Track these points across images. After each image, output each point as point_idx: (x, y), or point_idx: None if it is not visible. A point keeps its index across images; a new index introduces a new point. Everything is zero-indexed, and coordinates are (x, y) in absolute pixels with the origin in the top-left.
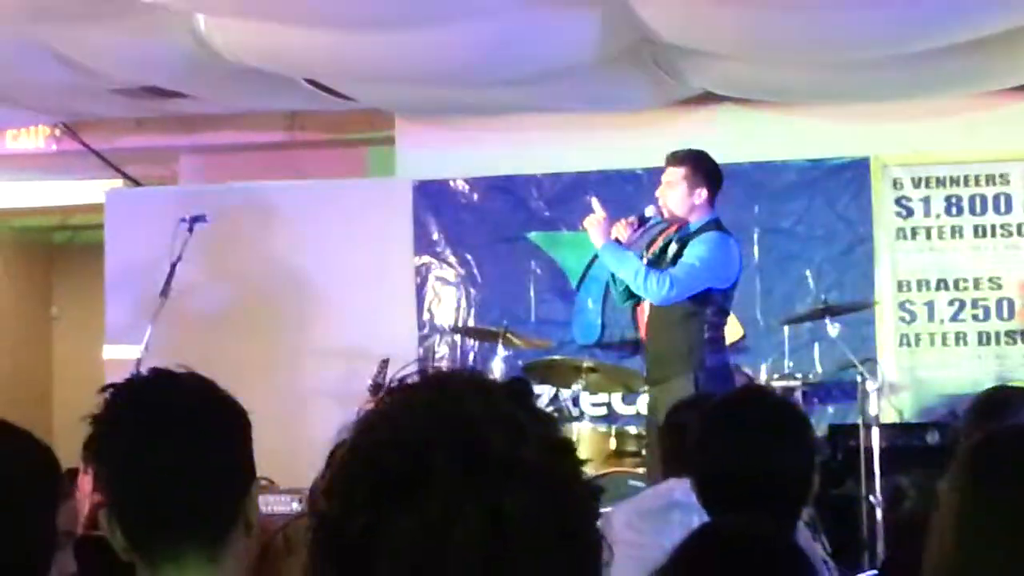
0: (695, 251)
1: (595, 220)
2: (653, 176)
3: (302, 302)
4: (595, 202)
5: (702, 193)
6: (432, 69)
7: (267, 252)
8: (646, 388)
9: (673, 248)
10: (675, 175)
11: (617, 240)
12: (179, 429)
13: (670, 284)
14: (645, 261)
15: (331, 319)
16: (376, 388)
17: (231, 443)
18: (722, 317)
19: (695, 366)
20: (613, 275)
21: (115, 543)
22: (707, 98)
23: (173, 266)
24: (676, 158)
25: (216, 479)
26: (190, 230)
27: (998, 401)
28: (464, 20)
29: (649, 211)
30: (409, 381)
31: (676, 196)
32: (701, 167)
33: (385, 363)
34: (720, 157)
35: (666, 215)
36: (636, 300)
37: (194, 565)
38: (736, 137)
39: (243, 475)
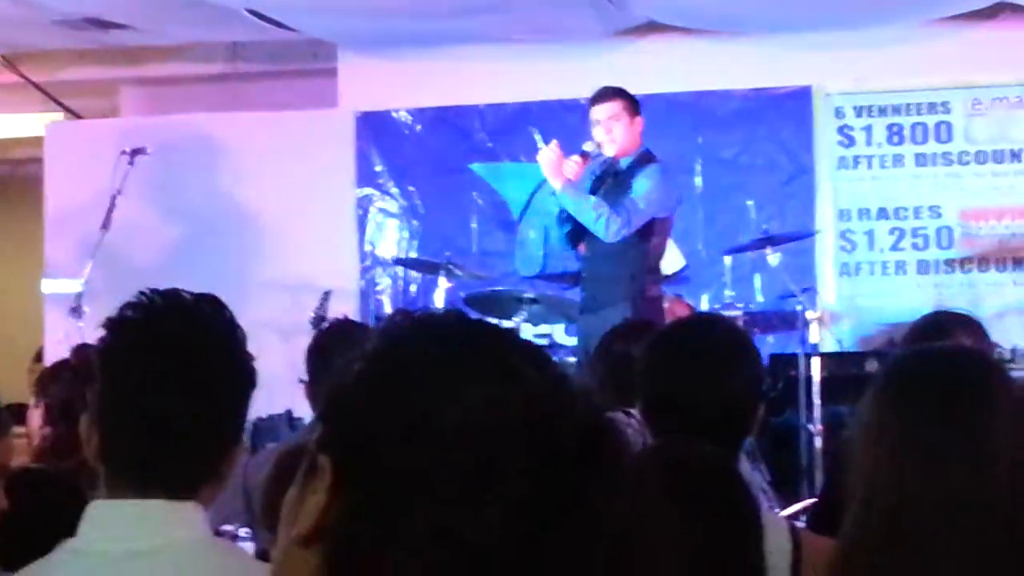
0: (644, 185)
1: (549, 158)
2: None
3: (244, 234)
4: (546, 140)
5: (639, 122)
6: None
7: (209, 184)
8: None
9: (611, 182)
10: (615, 108)
11: (569, 180)
12: (194, 371)
13: (625, 223)
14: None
15: (273, 251)
16: (318, 320)
17: (235, 400)
18: (662, 246)
19: (635, 294)
20: (559, 219)
21: (87, 447)
22: (650, 28)
23: (113, 199)
24: (609, 92)
25: (210, 433)
26: (131, 163)
27: (933, 327)
28: None
29: (588, 146)
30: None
31: (621, 129)
32: (632, 98)
33: (327, 295)
34: (663, 87)
35: (611, 150)
36: (577, 244)
37: (156, 499)
38: (679, 67)
39: (235, 432)
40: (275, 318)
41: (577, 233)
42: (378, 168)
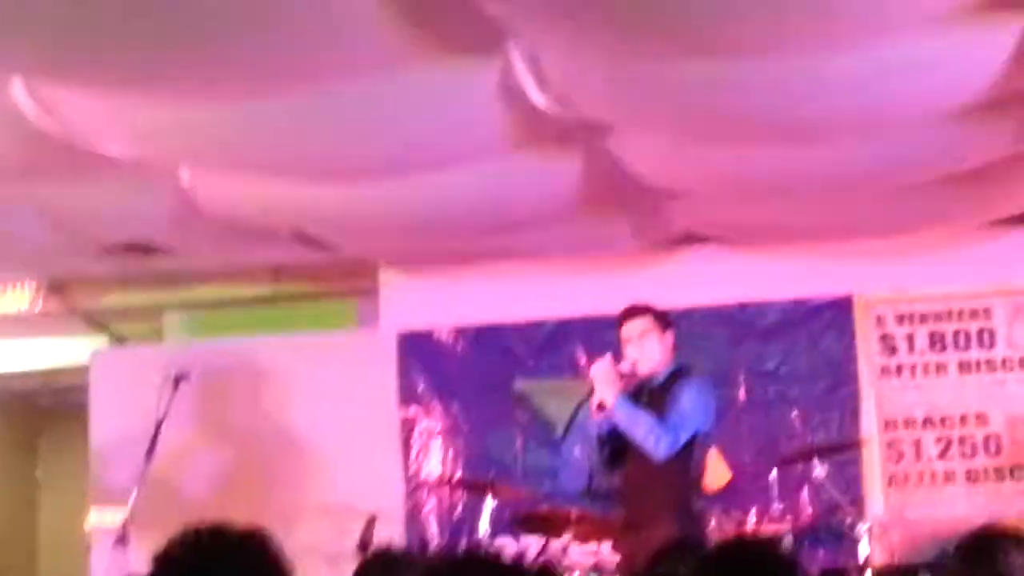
0: (687, 399)
1: (604, 370)
2: None
3: (288, 459)
4: (589, 356)
5: (670, 336)
6: (418, 218)
7: (253, 408)
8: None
9: (646, 399)
10: (646, 324)
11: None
12: None
13: (674, 440)
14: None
15: (319, 475)
16: (363, 546)
17: None
18: (703, 460)
19: (679, 510)
20: (598, 440)
21: None
22: (688, 239)
23: (158, 425)
24: (639, 309)
25: None
26: (175, 388)
27: (984, 542)
28: (449, 169)
29: (625, 365)
30: None
31: (652, 345)
32: (661, 313)
33: (372, 520)
34: (702, 298)
35: (646, 366)
36: (617, 465)
37: None
38: (718, 278)
39: None
40: (321, 544)
41: (617, 454)
42: (421, 387)
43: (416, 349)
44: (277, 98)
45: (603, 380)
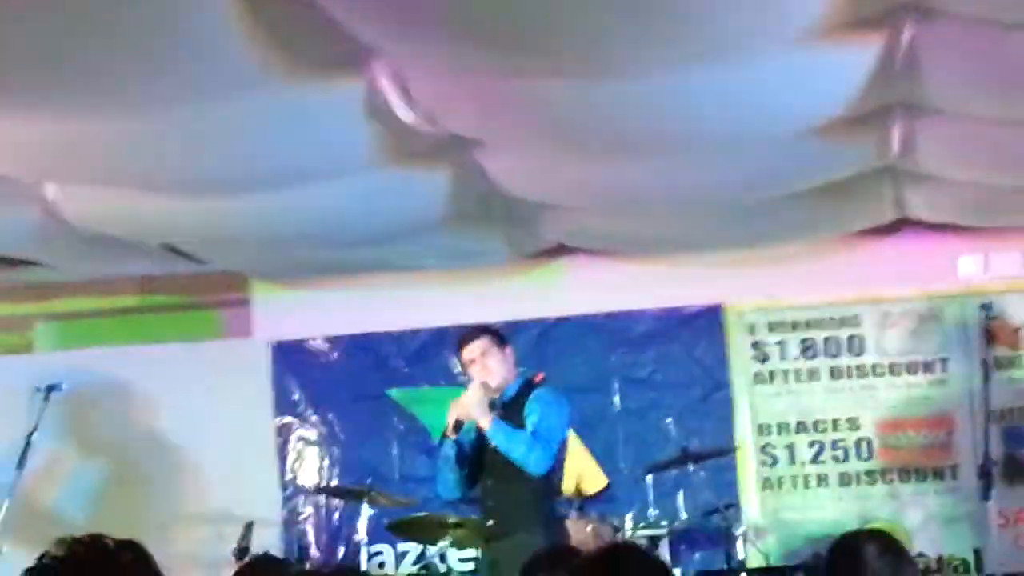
0: (545, 412)
1: (477, 398)
2: (510, 328)
3: (163, 468)
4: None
5: (510, 352)
6: (287, 232)
7: (126, 419)
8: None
9: (498, 415)
10: (484, 345)
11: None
12: None
13: (550, 455)
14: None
15: (194, 484)
16: (241, 552)
17: None
18: (562, 467)
19: (544, 518)
20: (457, 461)
21: None
22: (560, 250)
23: (29, 437)
24: (474, 332)
25: None
26: (46, 399)
27: (849, 547)
28: (318, 183)
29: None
30: None
31: (496, 362)
32: (496, 331)
33: (249, 527)
34: (576, 308)
35: (493, 384)
36: (474, 485)
37: None
38: (591, 288)
39: None
40: (199, 552)
41: (475, 471)
42: (296, 396)
43: (290, 358)
44: (144, 116)
45: (477, 406)
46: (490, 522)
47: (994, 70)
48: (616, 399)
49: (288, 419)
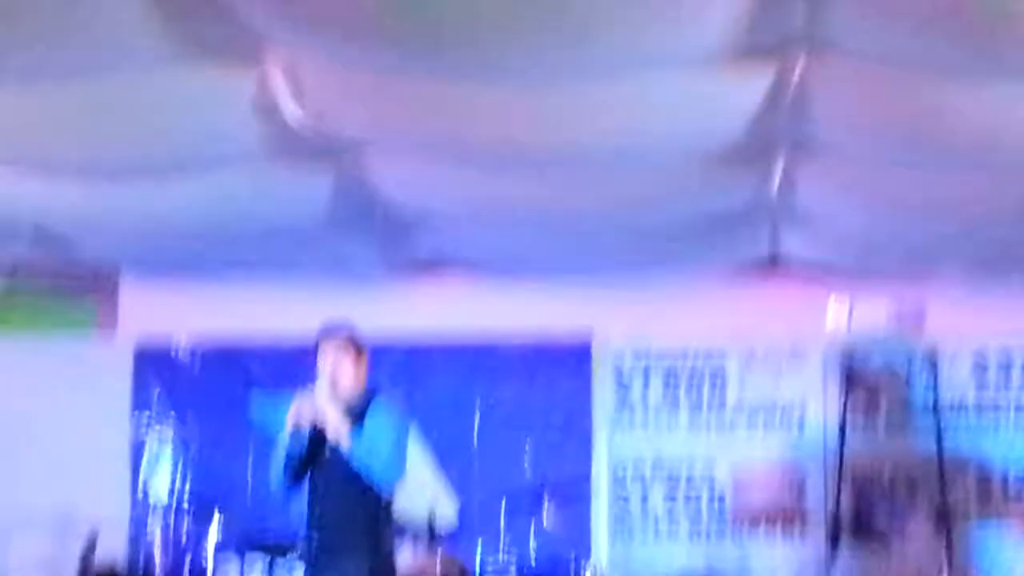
0: (392, 428)
1: (319, 403)
2: (376, 345)
3: (11, 464)
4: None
5: (365, 360)
6: (160, 221)
7: None
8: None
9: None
10: (339, 344)
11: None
12: None
13: (400, 471)
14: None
15: (43, 485)
16: (85, 562)
17: None
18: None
19: (373, 542)
20: (287, 457)
21: None
22: (434, 266)
23: None
24: (332, 329)
25: None
26: None
27: None
28: (197, 175)
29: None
30: None
31: (349, 364)
32: (355, 335)
33: (95, 536)
34: (445, 328)
35: (342, 385)
36: (297, 482)
37: None
38: (461, 308)
39: None
40: (42, 555)
41: (299, 472)
42: (155, 399)
43: (152, 362)
44: (28, 91)
45: (331, 410)
46: (317, 539)
47: (882, 110)
48: (475, 427)
49: (145, 422)
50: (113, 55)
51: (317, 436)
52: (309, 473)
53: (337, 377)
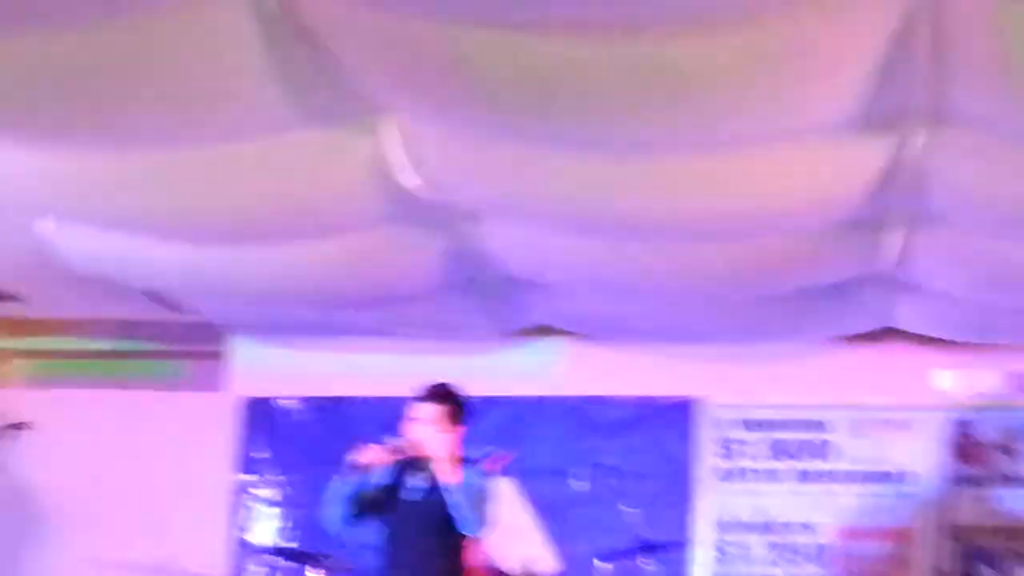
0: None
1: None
2: (486, 405)
3: (116, 514)
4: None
5: (460, 432)
6: (271, 287)
7: (87, 461)
8: None
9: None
10: (434, 412)
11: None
12: None
13: (485, 525)
14: None
15: (145, 531)
16: None
17: None
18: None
19: None
20: (347, 498)
21: None
22: (542, 331)
23: None
24: (436, 395)
25: None
26: (15, 436)
27: None
28: (310, 238)
29: (403, 443)
30: None
31: (437, 436)
32: (460, 406)
33: None
34: (552, 389)
35: (421, 450)
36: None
37: None
38: (567, 371)
39: None
40: None
41: (362, 518)
42: (259, 455)
43: (258, 415)
44: (144, 153)
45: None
46: None
47: (1000, 185)
48: (578, 484)
49: (247, 477)
50: (231, 121)
51: (391, 484)
52: (382, 516)
53: (428, 442)
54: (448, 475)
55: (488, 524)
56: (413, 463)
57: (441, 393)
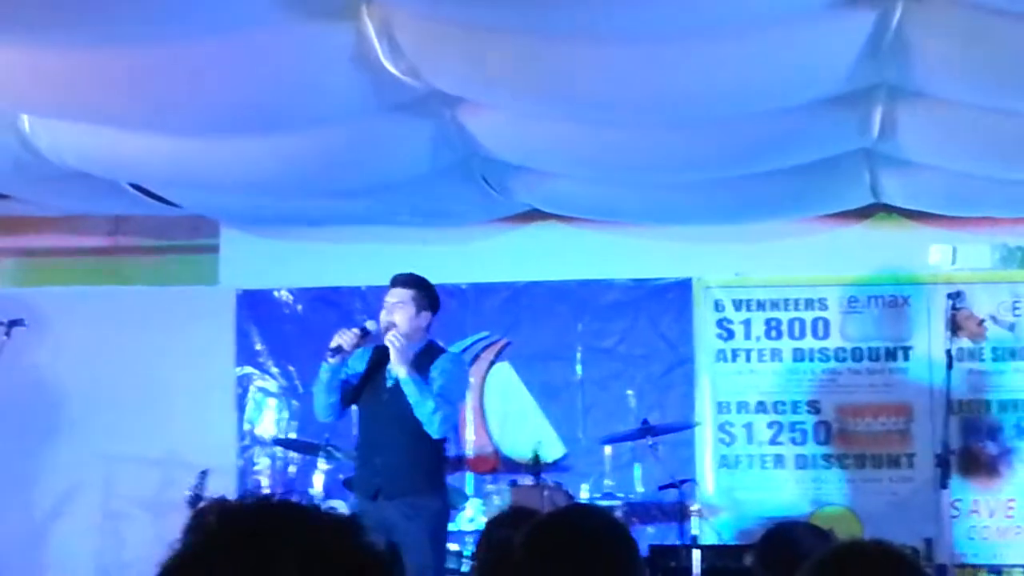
0: (448, 377)
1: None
2: (478, 291)
3: (120, 410)
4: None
5: (425, 316)
6: (261, 178)
7: (86, 358)
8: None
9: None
10: (403, 295)
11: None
12: None
13: (451, 419)
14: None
15: (149, 427)
16: (195, 499)
17: None
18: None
19: (439, 484)
20: (328, 386)
21: None
22: (533, 215)
23: None
24: (402, 281)
25: None
26: (7, 334)
27: (783, 539)
28: (296, 130)
29: (371, 325)
30: None
31: (403, 316)
32: (427, 292)
33: (204, 474)
34: (544, 274)
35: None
36: (343, 411)
37: None
38: (561, 254)
39: None
40: (147, 495)
41: (344, 405)
42: (258, 347)
43: (255, 308)
44: (125, 48)
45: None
46: (377, 479)
47: (982, 56)
48: (578, 368)
49: (249, 369)
50: (211, 13)
51: (367, 373)
52: (358, 405)
53: (398, 325)
54: (398, 366)
55: (448, 423)
56: (389, 352)
57: (406, 278)
